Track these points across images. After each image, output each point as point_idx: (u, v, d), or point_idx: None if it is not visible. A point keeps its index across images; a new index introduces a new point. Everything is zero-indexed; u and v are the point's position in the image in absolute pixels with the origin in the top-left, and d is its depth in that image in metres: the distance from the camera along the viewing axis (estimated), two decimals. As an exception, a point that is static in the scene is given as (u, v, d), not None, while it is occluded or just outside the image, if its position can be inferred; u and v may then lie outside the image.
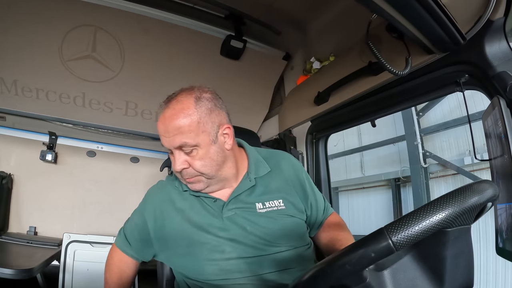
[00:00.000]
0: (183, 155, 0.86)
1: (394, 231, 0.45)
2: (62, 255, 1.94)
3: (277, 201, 0.94)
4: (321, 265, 0.50)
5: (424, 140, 3.69)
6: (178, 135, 0.83)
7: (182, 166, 0.86)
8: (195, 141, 0.83)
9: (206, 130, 0.85)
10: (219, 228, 0.89)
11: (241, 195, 0.93)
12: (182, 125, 0.82)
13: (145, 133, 2.09)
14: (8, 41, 1.46)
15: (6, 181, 2.09)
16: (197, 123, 0.83)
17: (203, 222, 0.90)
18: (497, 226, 0.83)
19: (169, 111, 0.85)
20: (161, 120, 0.87)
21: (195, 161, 0.86)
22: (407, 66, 0.95)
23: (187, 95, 0.87)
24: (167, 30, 1.57)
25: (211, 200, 0.93)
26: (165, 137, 0.85)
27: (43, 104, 1.70)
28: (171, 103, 0.87)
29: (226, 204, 0.91)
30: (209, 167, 0.87)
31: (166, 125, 0.84)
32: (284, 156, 1.07)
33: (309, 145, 1.74)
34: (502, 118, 0.80)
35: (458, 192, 0.48)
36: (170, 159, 0.91)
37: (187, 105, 0.85)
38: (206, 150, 0.85)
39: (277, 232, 0.89)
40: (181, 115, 0.83)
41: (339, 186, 4.85)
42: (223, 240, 0.87)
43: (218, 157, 0.88)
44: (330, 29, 1.59)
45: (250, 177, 0.95)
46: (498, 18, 0.85)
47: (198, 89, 0.90)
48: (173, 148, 0.86)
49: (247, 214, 0.90)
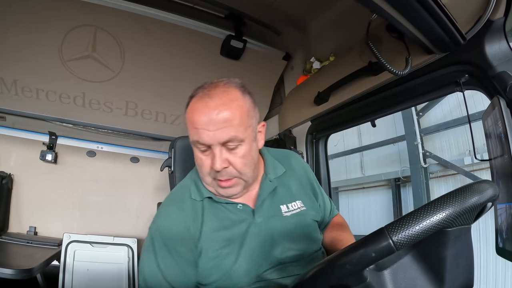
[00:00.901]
0: (225, 152, 0.76)
1: (395, 230, 0.45)
2: (62, 255, 1.94)
3: (298, 201, 0.90)
4: (322, 264, 0.50)
5: (424, 140, 3.69)
6: (227, 128, 0.73)
7: (224, 164, 0.76)
8: (243, 135, 0.75)
9: (252, 125, 0.78)
10: (250, 233, 0.81)
11: (266, 199, 0.86)
12: (233, 117, 0.73)
13: (145, 133, 2.09)
14: (8, 41, 1.46)
15: (6, 181, 2.09)
16: (247, 116, 0.77)
17: (231, 231, 0.81)
18: (497, 226, 0.83)
19: (215, 101, 0.74)
20: (203, 110, 0.74)
21: (237, 159, 0.77)
22: (407, 66, 0.95)
23: (231, 86, 0.78)
24: (167, 30, 1.57)
25: (234, 207, 0.84)
26: (207, 130, 0.73)
27: (43, 104, 1.70)
28: (215, 93, 0.75)
29: (257, 210, 0.84)
30: (249, 166, 0.79)
31: (211, 117, 0.73)
32: (294, 156, 1.02)
33: (309, 145, 1.74)
34: (502, 118, 0.80)
35: (458, 192, 0.48)
36: (199, 159, 0.79)
37: (236, 96, 0.76)
38: (249, 147, 0.78)
39: (302, 237, 0.85)
40: (232, 105, 0.74)
41: (339, 186, 4.85)
42: (251, 245, 0.81)
43: (256, 155, 0.81)
44: (330, 29, 1.59)
45: (269, 178, 0.89)
46: (498, 18, 0.85)
47: (237, 81, 0.81)
48: (216, 143, 0.74)
49: (274, 219, 0.84)
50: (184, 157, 1.20)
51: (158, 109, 1.94)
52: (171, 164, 1.22)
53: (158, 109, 1.94)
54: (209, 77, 1.77)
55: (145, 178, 2.58)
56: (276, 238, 0.83)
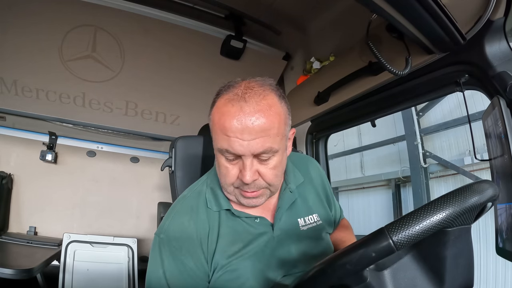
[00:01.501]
0: (256, 163, 0.68)
1: (395, 230, 0.45)
2: (62, 255, 1.94)
3: (315, 215, 0.85)
4: (322, 265, 0.50)
5: (424, 140, 3.69)
6: (263, 138, 0.65)
7: (254, 177, 0.69)
8: (278, 146, 0.68)
9: (286, 134, 0.71)
10: (267, 246, 0.77)
11: (285, 212, 0.81)
12: (271, 126, 0.65)
13: (145, 133, 2.09)
14: (8, 41, 1.46)
15: (6, 181, 2.09)
16: (284, 125, 0.69)
17: (247, 245, 0.76)
18: (497, 226, 0.83)
19: (251, 106, 0.64)
20: (237, 116, 0.64)
21: (268, 170, 0.70)
22: (407, 66, 0.95)
23: (268, 89, 0.69)
24: (167, 30, 1.57)
25: (252, 220, 0.78)
26: (240, 139, 0.64)
27: (43, 104, 1.70)
28: (251, 96, 0.66)
29: (276, 224, 0.79)
30: (279, 177, 0.73)
31: (246, 125, 0.64)
32: (311, 163, 0.96)
33: (309, 145, 1.74)
34: (502, 118, 0.80)
35: (458, 192, 0.48)
36: (223, 166, 0.71)
37: (274, 102, 0.67)
38: (281, 158, 0.71)
39: (317, 254, 0.82)
40: (271, 112, 0.65)
41: (339, 186, 4.85)
42: (267, 259, 0.77)
43: (285, 165, 0.75)
44: (330, 29, 1.59)
45: (290, 188, 0.82)
46: (498, 18, 0.85)
47: (271, 83, 0.72)
48: (249, 154, 0.66)
49: (291, 233, 0.80)
50: (185, 157, 1.20)
51: (158, 109, 1.94)
52: (172, 164, 1.21)
53: (158, 109, 1.94)
54: (209, 77, 1.78)
55: (145, 178, 2.58)
56: (293, 252, 0.79)
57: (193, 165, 1.15)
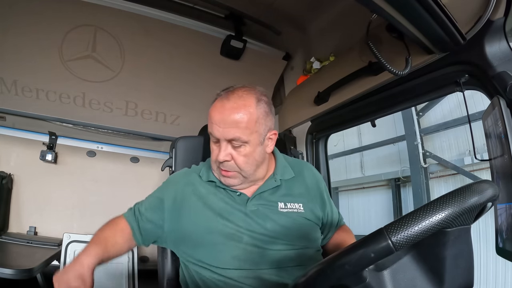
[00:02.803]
0: (230, 148, 0.88)
1: (394, 231, 0.45)
2: (62, 255, 1.94)
3: (298, 204, 0.97)
4: (321, 265, 0.50)
5: (424, 140, 3.68)
6: (234, 128, 0.85)
7: (226, 158, 0.88)
8: (247, 138, 0.87)
9: (258, 131, 0.89)
10: (240, 217, 0.91)
11: (265, 193, 0.95)
12: (241, 120, 0.85)
13: (145, 133, 2.09)
14: (8, 41, 1.46)
15: (6, 181, 2.09)
16: (255, 122, 0.87)
17: (225, 210, 0.92)
18: (497, 226, 0.83)
19: (230, 104, 0.87)
20: (219, 109, 0.87)
21: (239, 156, 0.89)
22: (407, 66, 0.95)
23: (250, 93, 0.90)
24: (167, 30, 1.57)
25: (235, 193, 0.95)
26: (218, 126, 0.87)
27: (43, 104, 1.70)
28: (233, 97, 0.88)
29: (251, 199, 0.94)
30: (250, 165, 0.90)
31: (224, 116, 0.86)
32: (308, 166, 1.11)
33: (309, 145, 1.74)
34: (502, 118, 0.80)
35: (458, 192, 0.48)
36: (211, 146, 0.93)
37: (249, 103, 0.87)
38: (253, 149, 0.89)
39: (294, 231, 0.92)
40: (243, 110, 0.86)
41: (339, 186, 4.85)
42: (242, 229, 0.89)
43: (259, 157, 0.92)
44: (330, 29, 1.59)
45: (276, 178, 0.98)
46: (498, 18, 0.85)
47: (258, 91, 0.93)
48: (223, 139, 0.88)
49: (268, 211, 0.93)
50: (185, 157, 1.20)
51: (158, 109, 1.94)
52: (172, 164, 1.22)
53: (158, 109, 1.94)
54: (209, 77, 1.78)
55: (145, 178, 2.58)
56: (268, 227, 0.90)
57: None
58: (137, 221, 0.95)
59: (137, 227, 0.94)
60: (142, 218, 0.95)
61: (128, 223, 0.95)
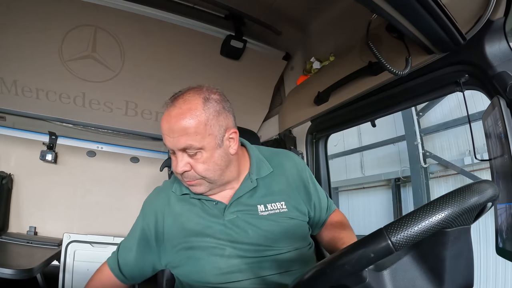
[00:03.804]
0: (186, 157, 0.82)
1: (394, 231, 0.45)
2: (62, 255, 1.94)
3: (279, 203, 0.92)
4: (321, 265, 0.50)
5: (424, 140, 3.69)
6: (183, 136, 0.79)
7: (184, 168, 0.83)
8: (200, 144, 0.80)
9: (212, 133, 0.81)
10: (219, 230, 0.86)
11: (242, 197, 0.90)
12: (189, 126, 0.78)
13: (145, 133, 2.09)
14: (8, 41, 1.46)
15: (6, 181, 2.09)
16: (204, 125, 0.80)
17: (203, 225, 0.87)
18: (497, 226, 0.83)
19: (175, 110, 0.80)
20: (166, 118, 0.81)
21: (198, 164, 0.82)
22: (407, 66, 0.95)
23: (195, 95, 0.83)
24: (167, 30, 1.57)
25: (211, 203, 0.90)
26: (168, 136, 0.81)
27: (43, 104, 1.70)
28: (178, 102, 0.81)
29: (228, 207, 0.89)
30: (212, 171, 0.84)
31: (171, 125, 0.80)
32: (287, 156, 1.04)
33: (309, 145, 1.73)
34: (502, 118, 0.80)
35: (458, 192, 0.48)
36: (171, 159, 0.88)
37: (195, 105, 0.80)
38: (210, 154, 0.82)
39: (279, 234, 0.88)
40: (188, 115, 0.79)
41: (339, 186, 4.85)
42: (223, 241, 0.85)
43: (222, 161, 0.85)
44: (330, 29, 1.59)
45: (251, 178, 0.92)
46: (498, 18, 0.85)
47: (206, 89, 0.85)
48: (176, 149, 0.82)
49: (248, 217, 0.88)
50: (184, 157, 1.19)
51: (158, 109, 1.94)
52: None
53: (158, 109, 1.94)
54: (209, 77, 1.79)
55: (145, 178, 2.58)
56: (249, 234, 0.86)
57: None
58: (121, 265, 0.94)
59: (124, 271, 0.94)
60: (127, 259, 0.93)
61: (112, 270, 0.95)
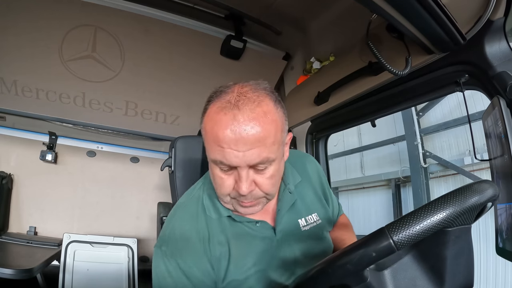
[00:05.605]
0: (252, 173, 0.65)
1: (395, 230, 0.45)
2: (62, 255, 1.94)
3: (314, 214, 0.83)
4: (322, 264, 0.50)
5: (424, 140, 3.69)
6: (259, 147, 0.61)
7: (251, 187, 0.65)
8: (275, 155, 0.64)
9: (283, 141, 0.67)
10: (266, 261, 0.74)
11: (285, 214, 0.79)
12: (268, 135, 0.61)
13: (145, 133, 2.09)
14: (8, 41, 1.46)
15: (6, 181, 2.09)
16: (281, 132, 0.65)
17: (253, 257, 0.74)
18: (497, 226, 0.83)
19: (246, 114, 0.60)
20: (230, 126, 0.60)
21: (264, 180, 0.66)
22: (407, 66, 0.95)
23: (264, 94, 0.64)
24: (167, 30, 1.57)
25: (253, 224, 0.75)
26: (235, 150, 0.60)
27: (43, 104, 1.70)
28: (245, 103, 0.61)
29: (277, 227, 0.77)
30: (276, 186, 0.70)
31: (241, 135, 0.59)
32: (308, 160, 0.94)
33: (309, 145, 1.74)
34: (502, 118, 0.80)
35: (458, 192, 0.48)
36: (217, 176, 0.67)
37: (269, 108, 0.63)
38: (278, 166, 0.67)
39: (319, 252, 0.80)
40: (267, 121, 0.61)
41: (339, 186, 4.85)
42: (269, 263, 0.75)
43: (282, 172, 0.72)
44: (330, 29, 1.59)
45: (289, 189, 0.80)
46: (498, 18, 0.85)
47: (268, 87, 0.67)
48: (244, 165, 0.62)
49: (293, 235, 0.78)
50: (185, 157, 1.20)
51: (158, 109, 1.94)
52: (172, 164, 1.21)
53: (158, 109, 1.94)
54: (209, 77, 1.78)
55: (145, 178, 2.58)
56: (296, 253, 0.78)
57: (193, 165, 1.15)
58: None
59: None
60: None
61: None
